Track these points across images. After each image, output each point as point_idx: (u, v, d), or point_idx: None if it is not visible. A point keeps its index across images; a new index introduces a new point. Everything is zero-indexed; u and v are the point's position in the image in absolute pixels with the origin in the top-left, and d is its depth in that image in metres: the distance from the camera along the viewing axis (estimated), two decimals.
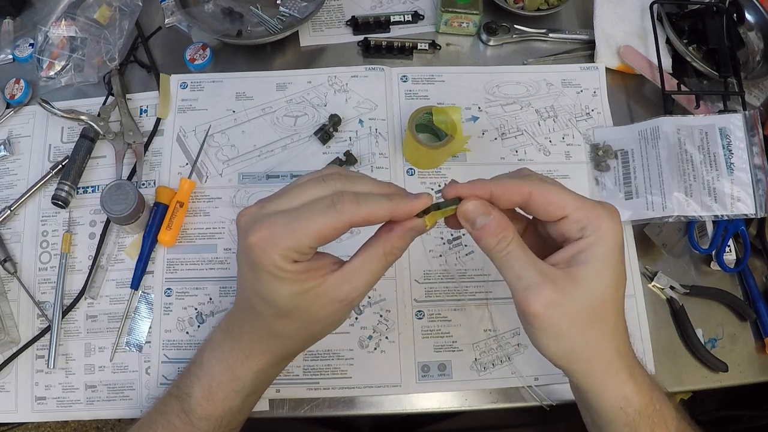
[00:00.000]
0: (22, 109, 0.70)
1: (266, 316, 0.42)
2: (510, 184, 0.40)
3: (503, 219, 0.40)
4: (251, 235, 0.39)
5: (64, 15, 0.72)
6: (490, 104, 0.72)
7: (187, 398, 0.46)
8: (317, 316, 0.42)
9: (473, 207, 0.40)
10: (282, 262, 0.38)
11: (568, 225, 0.40)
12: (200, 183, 0.67)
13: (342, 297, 0.41)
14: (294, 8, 0.76)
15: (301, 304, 0.41)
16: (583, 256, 0.39)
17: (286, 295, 0.40)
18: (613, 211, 0.40)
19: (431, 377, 0.60)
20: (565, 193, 0.40)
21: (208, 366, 0.46)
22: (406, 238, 0.41)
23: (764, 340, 0.64)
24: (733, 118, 0.67)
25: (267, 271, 0.39)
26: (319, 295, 0.40)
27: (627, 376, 0.42)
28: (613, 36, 0.76)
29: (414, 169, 0.68)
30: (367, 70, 0.73)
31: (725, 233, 0.65)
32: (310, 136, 0.69)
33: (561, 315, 0.39)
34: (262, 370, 0.46)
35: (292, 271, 0.39)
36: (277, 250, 0.38)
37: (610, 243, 0.39)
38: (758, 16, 0.79)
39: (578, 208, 0.39)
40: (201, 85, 0.71)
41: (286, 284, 0.40)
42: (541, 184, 0.40)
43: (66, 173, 0.64)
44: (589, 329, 0.40)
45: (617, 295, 0.40)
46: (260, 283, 0.40)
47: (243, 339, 0.45)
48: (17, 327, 0.61)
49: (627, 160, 0.69)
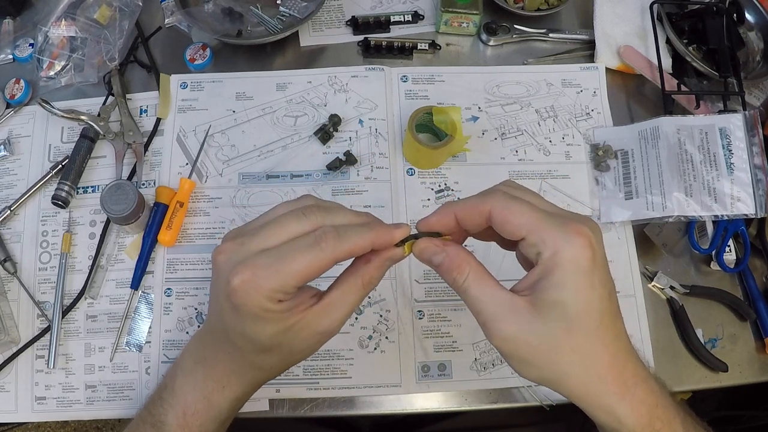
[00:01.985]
0: (22, 109, 0.70)
1: (247, 351, 0.42)
2: (471, 205, 0.40)
3: (458, 255, 0.39)
4: (234, 277, 0.38)
5: (64, 15, 0.72)
6: (490, 104, 0.72)
7: (162, 426, 0.45)
8: (298, 348, 0.42)
9: (424, 247, 0.40)
10: (267, 303, 0.38)
11: (526, 247, 0.38)
12: (200, 183, 0.67)
13: (323, 330, 0.41)
14: (294, 8, 0.76)
15: (283, 341, 0.41)
16: (542, 283, 0.37)
17: (270, 334, 0.40)
18: (578, 231, 0.36)
19: (431, 377, 0.60)
20: (525, 212, 0.38)
21: (180, 393, 0.45)
22: (383, 268, 0.41)
23: (764, 340, 0.64)
24: (733, 118, 0.67)
25: (251, 313, 0.39)
26: (300, 329, 0.40)
27: (617, 399, 0.39)
28: (613, 36, 0.76)
29: (414, 169, 0.68)
30: (367, 70, 0.73)
31: (725, 233, 0.65)
32: (310, 136, 0.69)
33: (521, 346, 0.38)
34: (238, 398, 0.45)
35: (277, 311, 0.39)
36: (262, 293, 0.38)
37: (570, 270, 0.36)
38: (758, 16, 0.79)
39: (534, 230, 0.37)
40: (201, 85, 0.71)
41: (269, 324, 0.39)
42: (502, 201, 0.39)
43: (66, 173, 0.64)
44: (557, 357, 0.38)
45: (587, 321, 0.37)
46: (243, 324, 0.40)
47: (217, 368, 0.45)
48: (17, 327, 0.61)
49: (627, 160, 0.69)
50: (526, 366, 0.39)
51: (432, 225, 0.41)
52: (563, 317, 0.37)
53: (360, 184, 0.67)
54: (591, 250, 0.36)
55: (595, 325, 0.38)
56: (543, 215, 0.37)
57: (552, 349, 0.37)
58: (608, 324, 0.38)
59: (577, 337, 0.37)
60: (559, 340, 0.37)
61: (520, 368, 0.40)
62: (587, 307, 0.37)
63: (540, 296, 0.37)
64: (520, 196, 0.39)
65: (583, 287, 0.36)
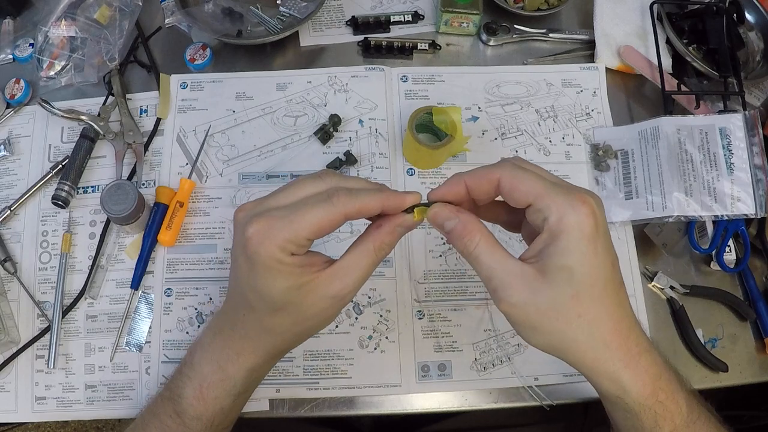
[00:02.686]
0: (22, 109, 0.70)
1: (259, 310, 0.43)
2: (481, 174, 0.41)
3: (470, 221, 0.40)
4: (249, 227, 0.39)
5: (64, 15, 0.72)
6: (490, 104, 0.72)
7: (179, 399, 0.46)
8: (309, 312, 0.42)
9: (438, 211, 0.41)
10: (280, 253, 0.39)
11: (532, 214, 0.39)
12: (200, 183, 0.67)
13: (334, 293, 0.41)
14: (294, 8, 0.76)
15: (294, 299, 0.41)
16: (549, 249, 0.38)
17: (281, 288, 0.40)
18: (582, 199, 0.38)
19: (431, 377, 0.60)
20: (532, 180, 0.39)
21: (198, 367, 0.46)
22: (395, 234, 0.42)
23: (764, 340, 0.64)
24: (733, 118, 0.67)
25: (264, 264, 0.40)
26: (312, 290, 0.41)
27: (621, 366, 0.40)
28: (613, 36, 0.76)
29: (414, 169, 0.68)
30: (367, 70, 0.73)
31: (725, 233, 0.65)
32: (310, 136, 0.69)
33: (529, 312, 0.39)
34: (252, 368, 0.46)
35: (288, 263, 0.40)
36: (275, 242, 0.39)
37: (575, 236, 0.37)
38: (758, 16, 0.79)
39: (541, 197, 0.38)
40: (201, 85, 0.71)
41: (281, 277, 0.40)
42: (511, 170, 0.40)
43: (66, 173, 0.64)
44: (564, 324, 0.39)
45: (595, 286, 0.39)
46: (256, 276, 0.40)
47: (234, 337, 0.45)
48: (17, 327, 0.61)
49: (627, 160, 0.69)
50: (533, 332, 0.40)
51: (443, 194, 0.42)
52: (570, 282, 0.38)
53: None
54: (594, 217, 0.38)
55: (599, 291, 0.39)
56: (549, 184, 0.39)
57: (559, 314, 0.38)
58: (612, 292, 0.39)
59: (584, 303, 0.38)
60: (566, 306, 0.38)
61: (528, 335, 0.40)
62: (592, 273, 0.38)
63: (547, 262, 0.38)
64: (527, 168, 0.41)
65: (587, 253, 0.38)
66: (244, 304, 0.43)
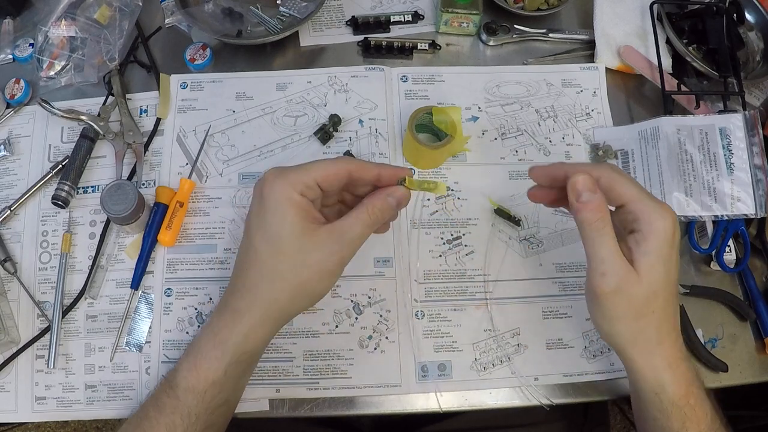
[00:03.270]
0: (22, 109, 0.70)
1: (262, 252, 0.46)
2: (582, 168, 0.45)
3: (604, 201, 0.44)
4: (267, 174, 0.46)
5: (64, 15, 0.72)
6: (490, 104, 0.72)
7: (174, 374, 0.48)
8: (309, 260, 0.46)
9: (583, 180, 0.44)
10: (290, 190, 0.45)
11: (625, 215, 0.45)
12: (200, 183, 0.67)
13: (332, 249, 0.46)
14: (294, 8, 0.76)
15: (297, 243, 0.45)
16: (642, 248, 0.44)
17: (287, 228, 0.45)
18: (668, 209, 0.44)
19: (431, 377, 0.60)
20: (629, 184, 0.44)
21: (196, 341, 0.49)
22: (386, 201, 0.48)
23: (764, 340, 0.64)
24: (733, 118, 0.67)
25: (276, 200, 0.45)
26: (313, 237, 0.46)
27: (666, 366, 0.46)
28: (613, 36, 0.76)
29: (414, 169, 0.68)
30: (367, 70, 0.73)
31: (725, 233, 0.65)
32: (310, 136, 0.69)
33: (621, 302, 0.44)
34: (247, 332, 0.47)
35: (297, 201, 0.45)
36: (287, 180, 0.45)
37: (661, 239, 0.43)
38: (758, 16, 0.79)
39: (634, 201, 0.44)
40: (201, 85, 0.71)
41: (288, 216, 0.45)
42: (611, 172, 0.45)
43: (66, 173, 0.64)
44: (640, 317, 0.45)
45: (668, 288, 0.44)
46: (265, 213, 0.45)
47: (232, 300, 0.48)
48: (17, 327, 0.61)
49: (627, 160, 0.69)
50: (610, 321, 0.46)
51: (546, 173, 0.49)
52: (655, 281, 0.44)
53: None
54: (675, 226, 0.44)
55: (670, 293, 0.45)
56: (643, 191, 0.45)
57: (642, 308, 0.44)
58: (675, 297, 0.46)
59: (659, 300, 0.44)
60: (648, 301, 0.44)
61: (604, 322, 0.46)
62: (669, 276, 0.44)
63: (640, 260, 0.44)
64: (618, 172, 0.46)
65: (669, 257, 0.44)
66: (249, 251, 0.47)
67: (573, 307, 0.63)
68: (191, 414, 0.46)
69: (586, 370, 0.61)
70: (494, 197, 0.67)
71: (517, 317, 0.63)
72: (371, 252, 0.64)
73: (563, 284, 0.64)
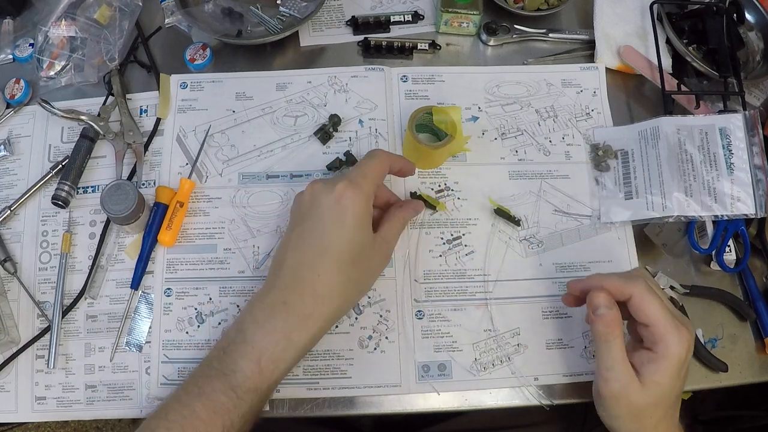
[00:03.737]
0: (22, 109, 0.70)
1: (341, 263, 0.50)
2: (618, 285, 0.50)
3: (617, 317, 0.49)
4: (338, 185, 0.51)
5: (64, 15, 0.72)
6: (490, 104, 0.72)
7: (233, 374, 0.48)
8: (375, 268, 0.55)
9: (603, 298, 0.50)
10: (367, 204, 0.51)
11: (647, 332, 0.49)
12: (200, 183, 0.67)
13: (386, 255, 0.56)
14: (294, 8, 0.76)
15: (369, 253, 0.52)
16: (652, 366, 0.48)
17: (367, 241, 0.52)
18: (686, 334, 0.48)
19: (431, 377, 0.60)
20: (657, 307, 0.48)
21: (256, 342, 0.49)
22: (412, 213, 0.60)
23: (764, 340, 0.64)
24: (733, 118, 0.67)
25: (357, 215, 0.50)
26: (375, 247, 0.53)
27: None
28: (613, 36, 0.76)
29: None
30: (367, 70, 0.73)
31: (725, 233, 0.65)
32: (310, 136, 0.69)
33: (622, 405, 0.49)
34: (315, 334, 0.51)
35: (371, 214, 0.52)
36: (364, 195, 0.51)
37: (674, 361, 0.48)
38: (758, 16, 0.79)
39: (658, 324, 0.48)
40: (201, 85, 0.71)
41: (366, 228, 0.52)
42: (642, 290, 0.49)
43: (66, 173, 0.64)
44: (640, 418, 0.49)
45: (671, 398, 0.50)
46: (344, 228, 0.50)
47: (301, 304, 0.50)
48: (17, 327, 0.61)
49: (627, 160, 0.69)
50: (610, 418, 0.51)
51: (582, 288, 0.53)
52: (657, 394, 0.48)
53: None
54: (689, 349, 0.49)
55: (671, 403, 0.50)
56: (668, 314, 0.49)
57: (641, 413, 0.49)
58: (677, 401, 0.51)
59: (658, 410, 0.49)
60: (647, 408, 0.49)
61: (605, 417, 0.52)
62: (673, 391, 0.49)
63: (648, 375, 0.48)
64: (655, 291, 0.50)
65: (676, 376, 0.49)
66: (322, 262, 0.50)
67: None
68: (252, 412, 0.48)
69: (586, 370, 0.61)
70: (494, 197, 0.67)
71: (517, 317, 0.63)
72: None
73: (563, 284, 0.64)
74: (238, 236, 0.64)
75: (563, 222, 0.67)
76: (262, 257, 0.64)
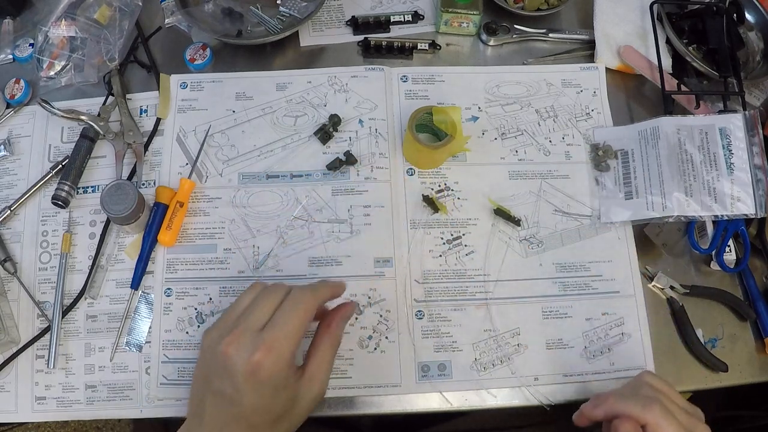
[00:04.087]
0: (22, 109, 0.70)
1: (261, 425, 0.46)
2: (634, 410, 0.48)
3: None
4: (255, 355, 0.44)
5: (64, 15, 0.72)
6: (490, 104, 0.72)
7: None
8: (301, 415, 0.49)
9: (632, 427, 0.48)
10: (287, 369, 0.46)
11: None
12: (200, 183, 0.67)
13: (315, 394, 0.49)
14: (294, 8, 0.76)
15: (290, 408, 0.48)
16: None
17: (284, 401, 0.47)
18: None
19: (431, 377, 0.60)
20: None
21: None
22: (342, 327, 0.52)
23: (764, 340, 0.64)
24: (733, 118, 0.67)
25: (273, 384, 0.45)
26: (301, 396, 0.48)
27: None
28: (613, 36, 0.76)
29: (414, 169, 0.68)
30: (367, 70, 0.73)
31: (725, 233, 0.65)
32: (310, 136, 0.69)
33: None
34: None
35: (291, 375, 0.46)
36: (283, 360, 0.45)
37: None
38: (758, 16, 0.79)
39: None
40: (201, 85, 0.71)
41: (285, 391, 0.46)
42: (658, 418, 0.47)
43: (66, 173, 0.64)
44: None
45: None
46: (262, 397, 0.45)
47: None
48: (17, 327, 0.61)
49: (627, 160, 0.69)
50: None
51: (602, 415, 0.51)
52: None
53: (360, 184, 0.67)
54: None
55: None
56: None
57: None
58: None
59: None
60: None
61: None
62: None
63: None
64: (674, 414, 0.48)
65: None
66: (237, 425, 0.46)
67: (573, 307, 0.63)
68: None
69: (586, 370, 0.61)
70: (494, 197, 0.67)
71: (517, 317, 0.63)
72: (371, 252, 0.64)
73: (563, 284, 0.64)
74: (238, 236, 0.64)
75: (563, 222, 0.67)
76: (262, 257, 0.64)
